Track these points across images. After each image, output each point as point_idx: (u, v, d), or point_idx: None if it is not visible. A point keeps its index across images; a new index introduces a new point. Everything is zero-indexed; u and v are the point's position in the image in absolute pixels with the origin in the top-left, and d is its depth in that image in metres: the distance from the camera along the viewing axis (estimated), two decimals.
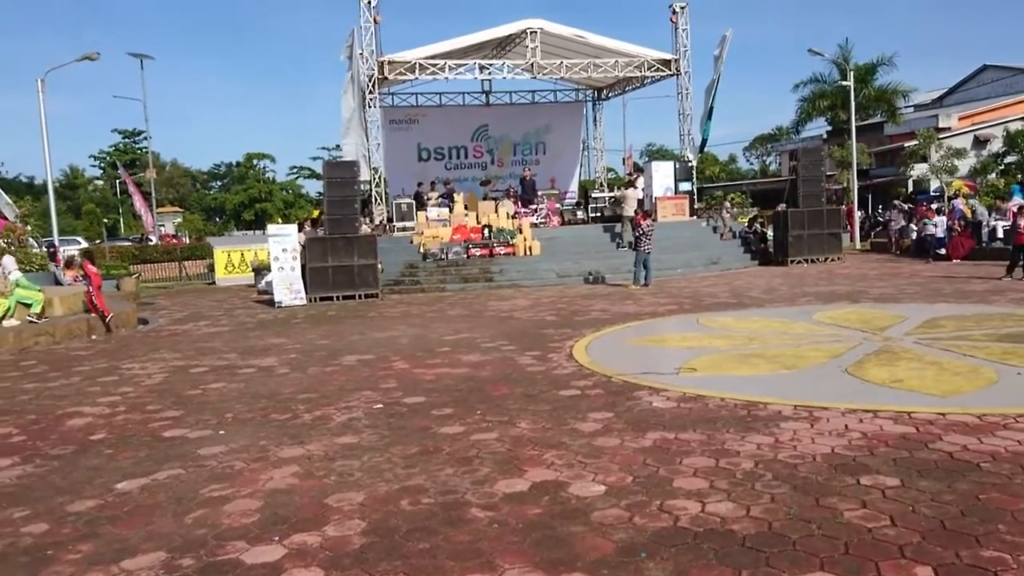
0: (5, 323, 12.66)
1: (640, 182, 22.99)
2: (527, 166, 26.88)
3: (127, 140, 71.79)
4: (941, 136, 35.41)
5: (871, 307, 12.06)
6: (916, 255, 21.62)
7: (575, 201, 28.18)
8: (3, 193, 21.97)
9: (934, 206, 24.16)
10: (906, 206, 26.20)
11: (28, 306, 13.09)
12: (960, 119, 38.74)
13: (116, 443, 6.21)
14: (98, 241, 40.30)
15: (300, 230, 19.03)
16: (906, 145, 35.47)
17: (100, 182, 73.72)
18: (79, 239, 39.41)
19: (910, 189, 36.10)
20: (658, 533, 3.96)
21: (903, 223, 23.80)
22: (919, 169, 35.46)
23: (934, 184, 33.77)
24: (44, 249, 19.20)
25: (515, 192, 25.46)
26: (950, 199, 25.87)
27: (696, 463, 5.02)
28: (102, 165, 72.95)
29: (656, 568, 3.58)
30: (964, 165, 33.58)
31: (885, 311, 11.47)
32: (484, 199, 24.10)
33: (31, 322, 12.83)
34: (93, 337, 12.96)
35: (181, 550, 4.04)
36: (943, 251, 20.12)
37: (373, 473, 5.15)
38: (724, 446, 5.34)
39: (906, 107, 39.32)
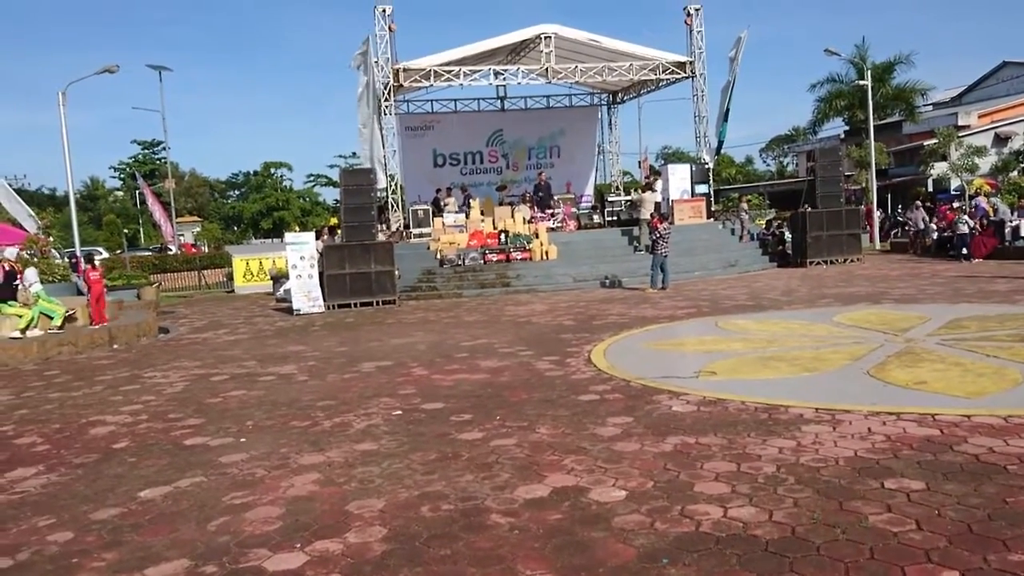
0: (29, 333, 12.83)
1: (658, 185, 22.93)
2: (541, 170, 26.87)
3: (146, 151, 72.47)
4: (961, 134, 35.02)
5: (892, 308, 11.94)
6: (936, 255, 21.43)
7: (591, 205, 28.16)
8: (25, 205, 22.27)
9: (955, 205, 23.88)
10: (927, 205, 25.94)
11: (51, 318, 13.27)
12: (980, 116, 38.35)
13: (139, 451, 6.27)
14: (119, 251, 40.71)
15: (318, 238, 19.13)
16: (925, 144, 35.13)
17: (120, 193, 74.49)
18: (100, 249, 39.86)
19: (930, 188, 35.75)
20: (680, 539, 3.93)
21: (922, 225, 23.52)
22: (939, 168, 35.09)
23: (954, 183, 33.41)
24: (66, 260, 19.40)
25: (531, 197, 25.50)
26: (971, 198, 25.59)
27: (717, 467, 4.98)
28: (122, 176, 73.68)
29: (678, 574, 3.56)
30: (985, 163, 33.21)
31: (906, 312, 11.35)
32: (500, 204, 24.14)
33: (53, 332, 13.00)
34: (115, 347, 13.09)
35: (204, 558, 4.06)
36: (965, 250, 19.89)
37: (393, 480, 5.16)
38: (745, 450, 5.30)
39: (925, 106, 38.95)
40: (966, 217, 20.49)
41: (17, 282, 13.49)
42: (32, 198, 48.86)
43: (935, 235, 22.30)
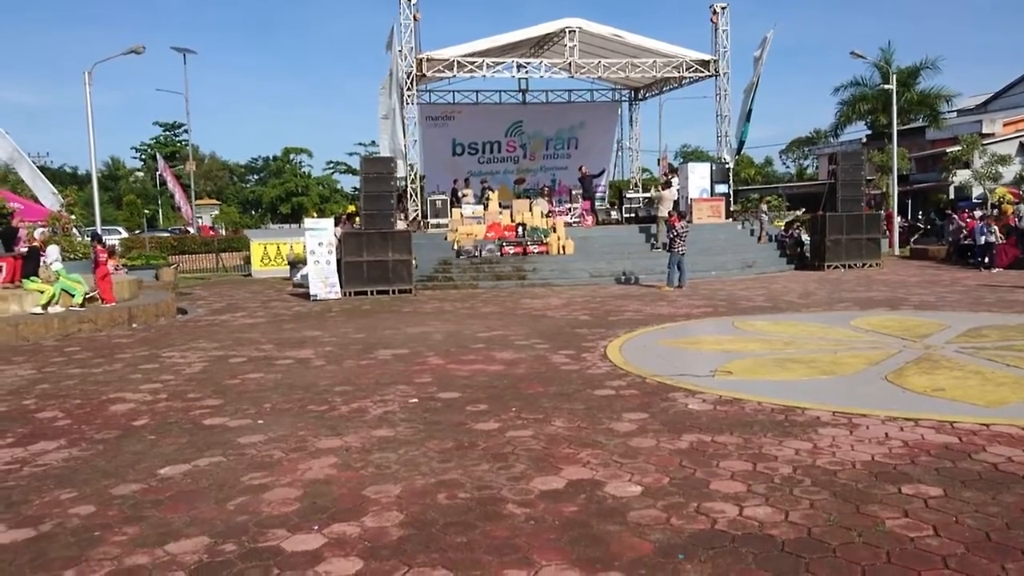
0: (50, 309, 12.97)
1: (675, 182, 22.86)
2: (582, 164, 26.75)
3: (167, 133, 72.81)
4: (985, 142, 34.69)
5: (911, 314, 11.86)
6: (955, 262, 21.28)
7: (604, 198, 28.25)
8: (48, 182, 22.46)
9: (979, 213, 23.63)
10: (949, 212, 25.71)
11: (72, 295, 13.41)
12: (1005, 124, 37.90)
13: (158, 429, 6.34)
14: (138, 231, 41.03)
15: (337, 224, 19.21)
16: (948, 151, 34.82)
17: (141, 174, 74.90)
18: (120, 229, 40.20)
19: (951, 195, 35.43)
20: (696, 535, 3.95)
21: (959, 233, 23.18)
22: (961, 175, 34.77)
23: (977, 191, 33.10)
24: (88, 238, 19.58)
25: (549, 190, 25.54)
26: (993, 206, 25.34)
27: (733, 466, 4.99)
28: (143, 157, 74.12)
29: (694, 570, 3.57)
30: (1008, 172, 32.87)
31: (926, 318, 11.28)
32: (518, 197, 24.19)
33: (74, 309, 13.14)
34: (134, 326, 13.22)
35: (223, 536, 4.12)
36: (987, 259, 19.74)
37: (410, 466, 5.20)
38: (761, 450, 5.30)
39: (949, 112, 38.52)
40: (995, 226, 20.27)
41: (42, 258, 13.67)
42: (54, 176, 49.32)
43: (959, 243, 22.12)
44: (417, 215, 22.97)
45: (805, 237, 22.49)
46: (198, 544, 4.02)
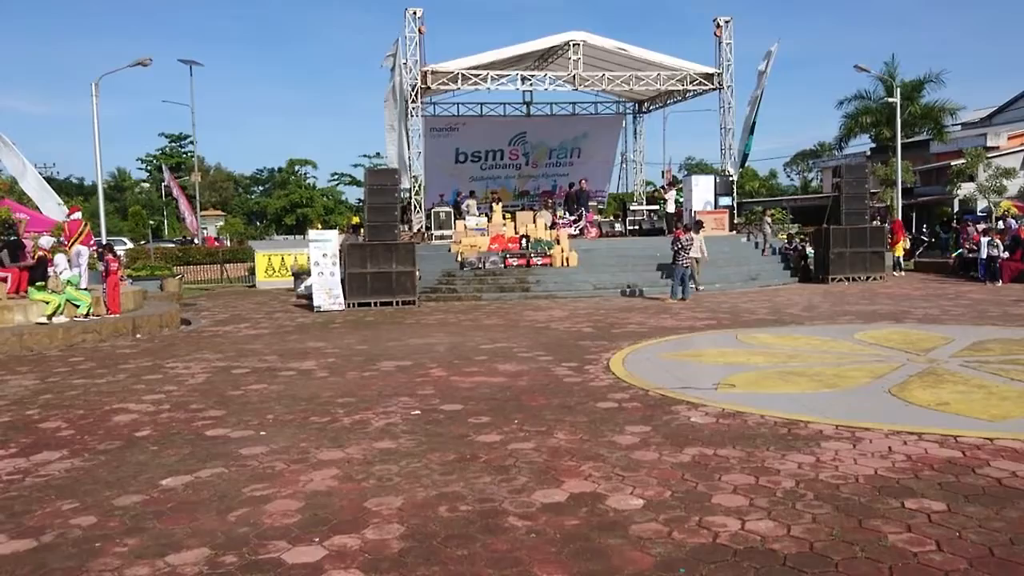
0: (55, 320, 13.01)
1: (670, 195, 23.04)
2: (583, 178, 26.77)
3: (173, 144, 73.18)
4: (990, 155, 34.66)
5: (915, 328, 11.83)
6: (959, 276, 21.24)
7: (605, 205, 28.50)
8: (53, 193, 22.53)
9: (981, 226, 23.59)
10: (954, 226, 25.67)
11: (76, 306, 13.45)
12: (1010, 138, 37.89)
13: (161, 440, 6.35)
14: (143, 242, 41.17)
15: (341, 231, 19.23)
16: (953, 164, 34.79)
17: (146, 184, 75.24)
18: (124, 239, 40.33)
19: (956, 208, 35.39)
20: (697, 549, 3.93)
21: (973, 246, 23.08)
22: (966, 188, 34.74)
23: (981, 204, 33.06)
24: (93, 249, 19.63)
25: (553, 202, 25.65)
26: (998, 219, 25.29)
27: (735, 480, 4.97)
28: (148, 168, 74.46)
29: None
30: (1013, 185, 32.84)
31: (929, 332, 11.25)
32: (522, 210, 24.28)
33: (78, 320, 13.17)
34: (138, 336, 13.24)
35: (224, 547, 4.11)
36: (991, 273, 19.67)
37: (411, 478, 5.19)
38: (764, 464, 5.29)
39: (953, 125, 38.58)
40: (997, 240, 20.23)
41: (48, 269, 13.72)
42: (61, 186, 49.51)
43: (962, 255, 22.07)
44: (421, 227, 23.01)
45: (809, 250, 22.47)
46: (199, 556, 4.02)
